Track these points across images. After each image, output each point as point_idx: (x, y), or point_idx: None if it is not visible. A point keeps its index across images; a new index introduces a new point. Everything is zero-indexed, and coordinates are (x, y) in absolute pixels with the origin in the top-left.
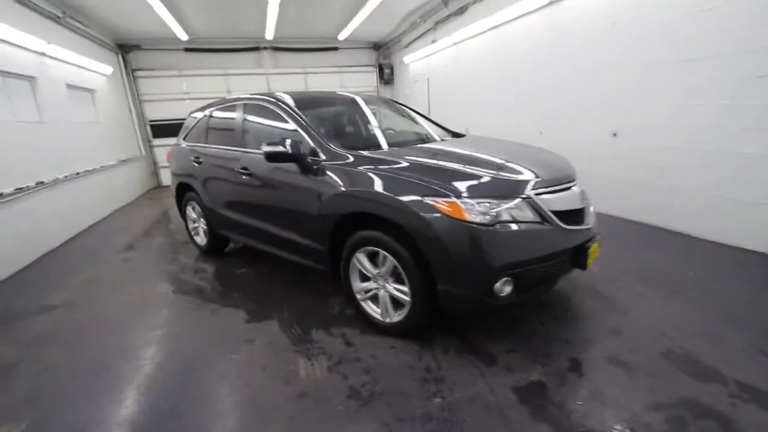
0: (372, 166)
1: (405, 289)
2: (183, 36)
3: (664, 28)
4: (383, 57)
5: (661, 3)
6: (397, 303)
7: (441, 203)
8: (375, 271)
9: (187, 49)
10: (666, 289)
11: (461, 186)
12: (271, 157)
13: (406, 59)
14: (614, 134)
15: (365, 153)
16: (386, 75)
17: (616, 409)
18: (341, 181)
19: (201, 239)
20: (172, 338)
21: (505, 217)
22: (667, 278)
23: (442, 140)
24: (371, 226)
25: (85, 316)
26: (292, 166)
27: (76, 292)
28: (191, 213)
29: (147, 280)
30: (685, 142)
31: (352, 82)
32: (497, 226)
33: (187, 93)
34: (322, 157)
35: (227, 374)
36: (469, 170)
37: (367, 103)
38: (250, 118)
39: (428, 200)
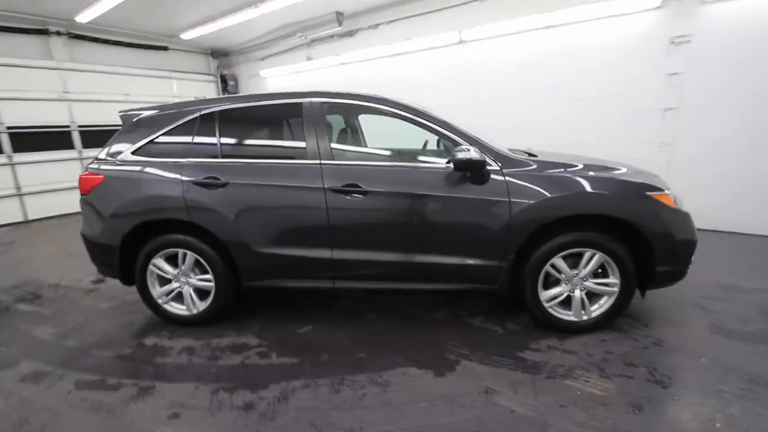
0: (561, 170)
1: (611, 280)
2: None
3: (577, 74)
4: (224, 67)
5: (574, 57)
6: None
7: (661, 196)
8: (572, 273)
9: None
10: None
11: (655, 181)
12: (462, 166)
13: (264, 73)
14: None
15: (538, 157)
16: (230, 87)
17: None
18: (544, 187)
19: (187, 307)
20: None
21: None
22: None
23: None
24: (552, 230)
25: None
26: (453, 178)
27: None
28: (163, 268)
29: (193, 398)
30: (592, 154)
31: (187, 91)
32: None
33: None
34: (493, 164)
35: (552, 428)
36: (630, 169)
37: None
38: (357, 121)
39: (652, 195)
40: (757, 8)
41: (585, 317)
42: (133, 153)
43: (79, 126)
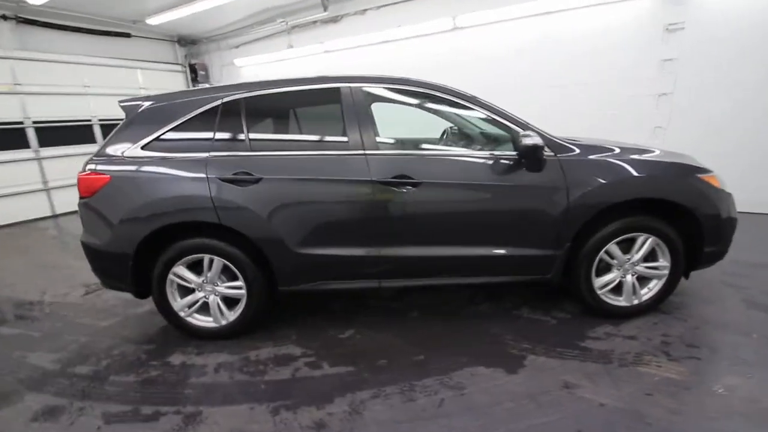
0: (608, 154)
1: (661, 263)
2: None
3: (574, 60)
4: (192, 55)
5: (571, 44)
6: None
7: (710, 177)
8: (625, 258)
9: None
10: None
11: (697, 162)
12: (528, 152)
13: (239, 62)
14: None
15: (581, 142)
16: (201, 78)
17: None
18: (599, 173)
19: (214, 318)
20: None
21: None
22: None
23: None
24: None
25: None
26: (509, 165)
27: None
28: (186, 277)
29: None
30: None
31: (154, 82)
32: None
33: None
34: (547, 149)
35: (649, 418)
36: (661, 151)
37: None
38: (369, 110)
39: (701, 177)
40: None
41: (636, 302)
42: (143, 148)
43: (35, 122)
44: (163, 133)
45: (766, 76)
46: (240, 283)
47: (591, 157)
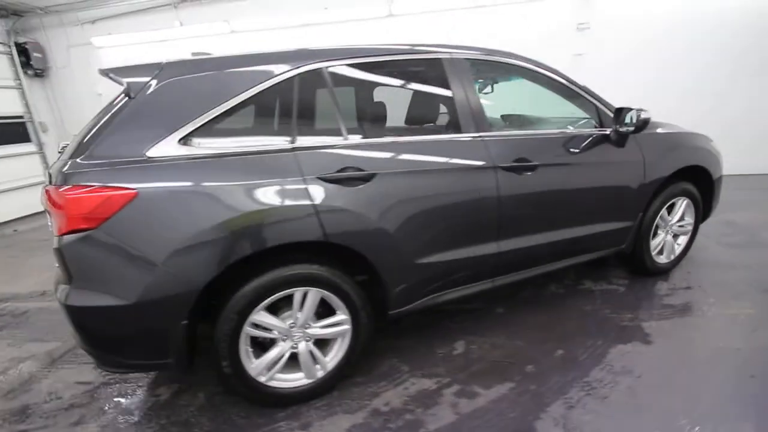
0: (659, 129)
1: (688, 221)
2: None
3: None
4: (20, 32)
5: (500, 38)
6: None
7: (714, 143)
8: (668, 220)
9: None
10: None
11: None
12: (641, 126)
13: (99, 41)
14: None
15: None
16: (36, 61)
17: None
18: (661, 144)
19: (307, 372)
20: None
21: None
22: None
23: None
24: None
25: None
26: (601, 142)
27: None
28: (268, 325)
29: None
30: None
31: None
32: None
33: None
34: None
35: None
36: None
37: None
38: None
39: (714, 144)
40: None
41: (672, 257)
42: (180, 143)
43: None
44: (210, 120)
45: (657, 70)
46: (342, 316)
47: (651, 131)
